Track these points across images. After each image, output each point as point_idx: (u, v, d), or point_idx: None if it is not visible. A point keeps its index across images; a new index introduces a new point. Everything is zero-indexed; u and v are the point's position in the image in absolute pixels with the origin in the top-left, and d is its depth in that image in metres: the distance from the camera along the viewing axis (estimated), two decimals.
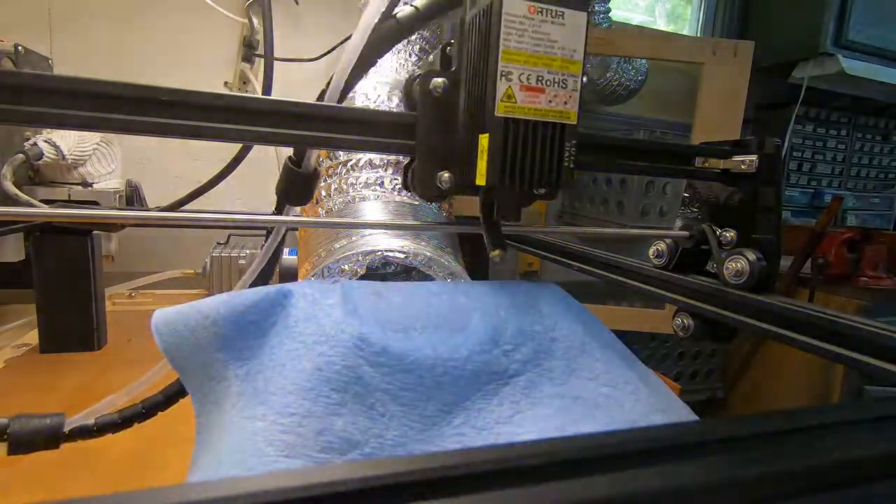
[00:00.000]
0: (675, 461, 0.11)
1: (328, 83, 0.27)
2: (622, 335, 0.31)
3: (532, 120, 0.23)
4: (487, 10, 0.23)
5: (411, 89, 0.26)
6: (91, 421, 0.28)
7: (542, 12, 0.23)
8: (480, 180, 0.24)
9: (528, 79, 0.23)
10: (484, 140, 0.23)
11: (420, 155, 0.25)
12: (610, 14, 1.16)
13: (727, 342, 0.30)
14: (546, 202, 1.29)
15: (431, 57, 0.27)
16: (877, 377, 0.20)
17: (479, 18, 0.23)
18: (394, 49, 0.57)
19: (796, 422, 0.13)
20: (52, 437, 0.26)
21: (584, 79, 0.24)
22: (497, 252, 0.26)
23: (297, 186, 0.27)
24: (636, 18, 1.55)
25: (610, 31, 1.12)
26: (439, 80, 0.25)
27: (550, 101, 0.23)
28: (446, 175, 0.25)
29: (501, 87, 0.23)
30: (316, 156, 0.28)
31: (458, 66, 0.25)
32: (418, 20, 0.28)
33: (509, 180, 0.23)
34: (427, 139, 0.25)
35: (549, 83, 0.23)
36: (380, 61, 0.33)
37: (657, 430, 0.12)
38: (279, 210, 0.29)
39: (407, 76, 0.26)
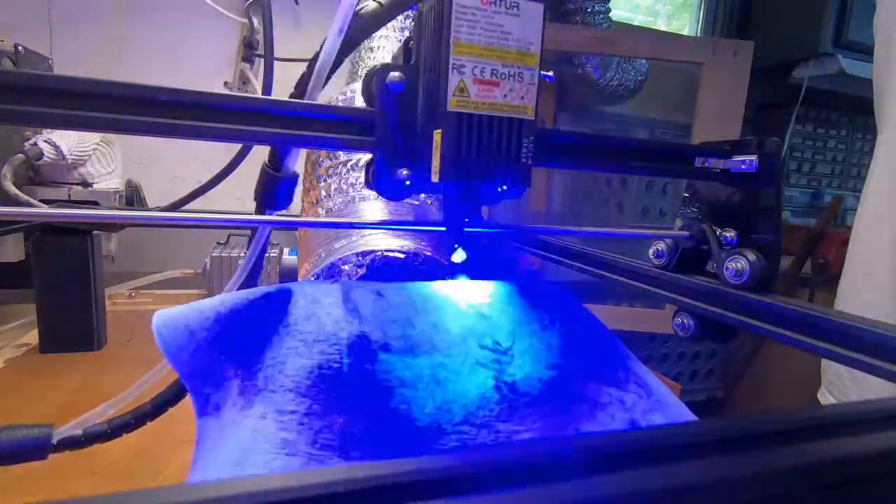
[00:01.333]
0: (675, 461, 0.11)
1: (297, 83, 0.26)
2: (622, 335, 0.31)
3: (486, 114, 0.23)
4: (440, 1, 0.22)
5: (370, 84, 0.25)
6: (79, 431, 0.27)
7: (495, 3, 0.22)
8: (435, 177, 0.23)
9: (481, 72, 0.22)
10: (437, 135, 0.23)
11: (379, 152, 0.25)
12: (610, 14, 1.16)
13: (727, 342, 0.30)
14: (545, 202, 1.29)
15: (395, 52, 0.27)
16: (876, 377, 0.20)
17: (433, 10, 0.23)
18: (391, 48, 0.57)
19: (796, 422, 0.13)
20: (39, 449, 0.26)
21: (551, 73, 0.24)
22: (458, 253, 0.26)
23: (274, 191, 0.27)
24: (636, 18, 1.55)
25: (610, 31, 1.12)
26: (396, 73, 0.24)
27: (506, 96, 0.23)
28: (405, 172, 0.24)
29: (454, 80, 0.22)
30: (295, 159, 0.28)
31: (417, 60, 0.24)
32: (381, 16, 0.28)
33: (463, 177, 0.23)
34: (386, 136, 0.24)
35: (504, 76, 0.23)
36: (376, 59, 0.33)
37: (657, 430, 0.12)
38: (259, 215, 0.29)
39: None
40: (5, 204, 0.58)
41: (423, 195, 0.45)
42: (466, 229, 0.26)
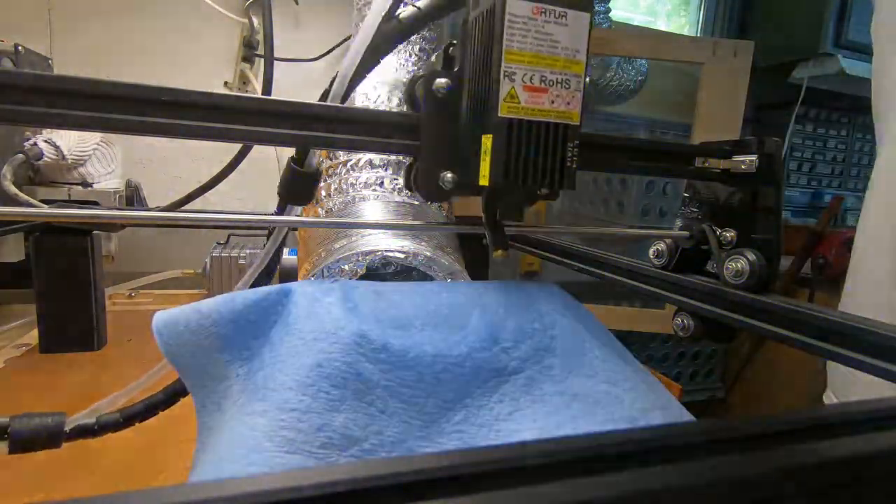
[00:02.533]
0: (675, 461, 0.11)
1: (331, 83, 0.27)
2: (622, 335, 0.31)
3: (535, 120, 0.23)
4: (491, 10, 0.23)
5: (414, 89, 0.26)
6: (92, 420, 0.28)
7: (545, 13, 0.23)
8: (483, 181, 0.24)
9: (531, 79, 0.23)
10: (487, 140, 0.23)
11: (423, 155, 0.25)
12: (610, 14, 1.16)
13: (727, 342, 0.30)
14: (546, 202, 1.29)
15: (434, 57, 0.27)
16: (876, 377, 0.20)
17: (482, 19, 0.23)
18: (394, 51, 0.57)
19: (796, 422, 0.13)
20: (53, 437, 0.26)
21: (588, 79, 0.24)
22: (500, 252, 0.26)
23: (299, 186, 0.27)
24: (636, 18, 1.55)
25: (610, 31, 1.12)
26: (443, 80, 0.25)
27: (553, 102, 0.23)
28: (449, 175, 0.25)
29: (505, 87, 0.23)
30: (318, 155, 0.28)
31: (462, 67, 0.25)
32: (420, 21, 0.28)
33: (512, 181, 0.23)
34: (430, 139, 0.25)
35: (551, 83, 0.23)
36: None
37: (657, 430, 0.12)
38: (281, 210, 0.29)
39: (408, 76, 0.26)
40: (5, 204, 0.58)
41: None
42: (507, 230, 0.27)
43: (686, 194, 0.33)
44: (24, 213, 0.27)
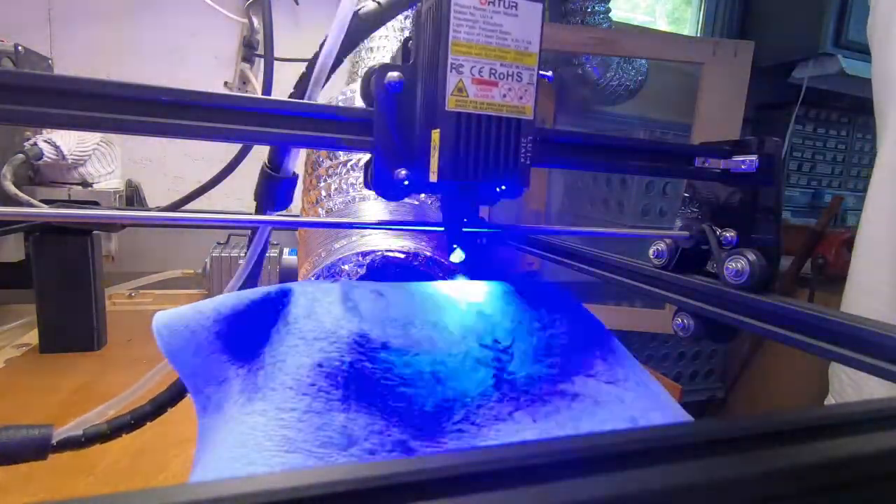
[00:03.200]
0: (675, 461, 0.11)
1: (297, 84, 0.26)
2: (622, 335, 0.31)
3: (485, 114, 0.23)
4: (439, 1, 0.22)
5: (369, 84, 0.25)
6: (79, 432, 0.27)
7: (493, 3, 0.22)
8: (433, 177, 0.23)
9: (479, 72, 0.22)
10: (436, 135, 0.23)
11: (378, 152, 0.24)
12: (610, 14, 1.16)
13: (727, 342, 0.30)
14: (545, 202, 1.29)
15: (393, 52, 0.27)
16: (877, 377, 0.20)
17: (432, 10, 0.23)
18: (394, 49, 0.57)
19: (796, 422, 0.13)
20: (39, 449, 0.26)
21: (550, 73, 0.24)
22: (457, 254, 0.26)
23: (274, 191, 0.27)
24: (636, 18, 1.55)
25: (610, 31, 1.12)
26: (395, 73, 0.24)
27: (505, 95, 0.23)
28: (403, 172, 0.24)
29: (452, 79, 0.22)
30: (294, 160, 0.28)
31: (416, 60, 0.24)
32: (380, 16, 0.28)
33: (462, 177, 0.23)
34: (384, 135, 0.24)
35: (502, 76, 0.23)
36: (375, 59, 0.33)
37: (657, 430, 0.12)
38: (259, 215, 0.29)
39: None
40: (5, 204, 0.58)
41: (423, 195, 0.45)
42: (465, 229, 0.26)
43: (686, 194, 0.33)
44: (24, 213, 0.27)
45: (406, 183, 0.25)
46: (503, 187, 0.24)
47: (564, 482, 0.10)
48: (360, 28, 0.27)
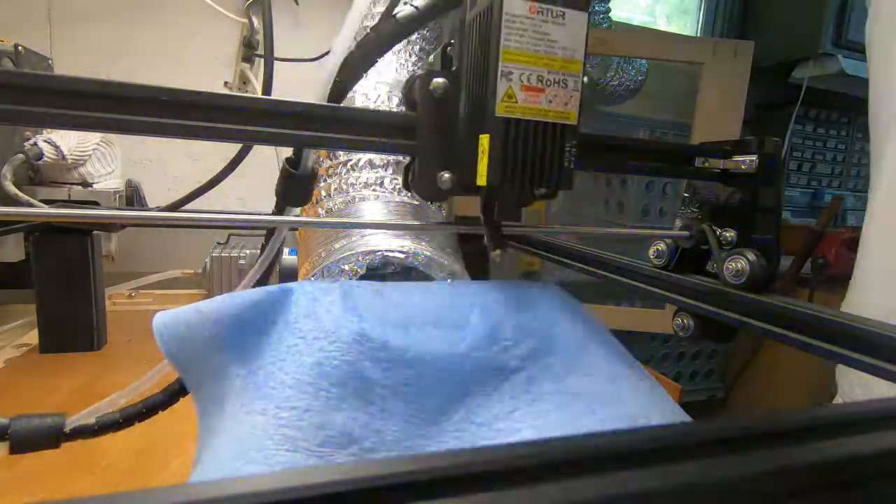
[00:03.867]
0: (674, 461, 0.11)
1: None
2: (622, 335, 0.31)
3: (532, 120, 0.23)
4: (488, 10, 0.23)
5: (411, 89, 0.26)
6: (92, 420, 0.28)
7: (542, 12, 0.23)
8: (481, 181, 0.24)
9: (528, 79, 0.23)
10: (484, 140, 0.23)
11: (420, 155, 0.25)
12: (610, 14, 1.16)
13: (727, 342, 0.30)
14: (546, 202, 1.29)
15: (432, 57, 0.27)
16: (877, 377, 0.20)
17: (479, 18, 0.23)
18: (394, 49, 0.57)
19: (796, 422, 0.13)
20: (52, 437, 0.26)
21: (586, 79, 0.24)
22: (498, 251, 0.26)
23: (295, 188, 0.27)
24: (636, 18, 1.55)
25: (610, 31, 1.12)
26: (440, 80, 0.25)
27: (551, 101, 0.23)
28: (447, 175, 0.25)
29: (502, 86, 0.23)
30: (314, 157, 0.28)
31: (459, 67, 0.25)
32: (418, 20, 0.28)
33: (509, 180, 0.23)
34: (427, 139, 0.25)
35: (549, 83, 0.23)
36: (379, 61, 0.33)
37: (657, 430, 0.12)
38: (279, 212, 0.29)
39: (407, 76, 0.26)
40: (5, 204, 0.58)
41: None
42: (505, 230, 0.27)
43: (686, 194, 0.33)
44: (24, 213, 0.27)
45: (450, 186, 0.25)
46: (542, 190, 0.25)
47: (564, 482, 0.10)
48: (397, 31, 0.28)
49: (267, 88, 0.67)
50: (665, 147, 0.30)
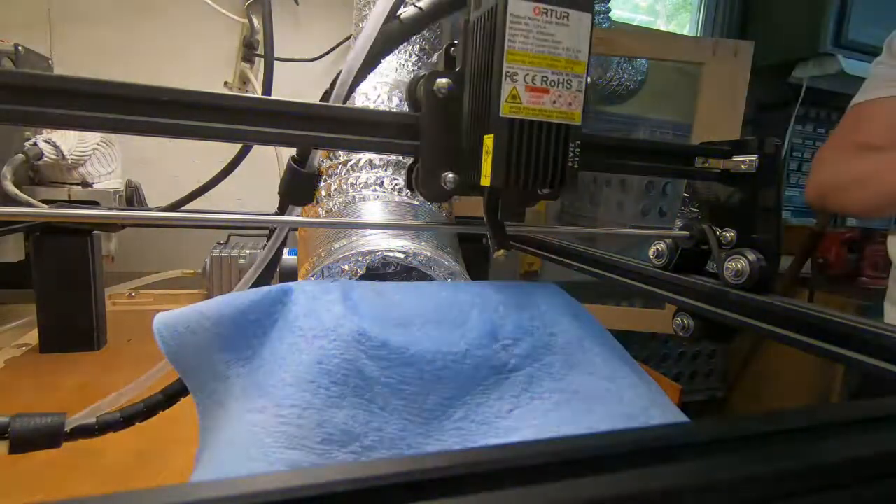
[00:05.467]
0: (675, 461, 0.11)
1: (332, 84, 0.27)
2: (622, 335, 0.31)
3: (537, 120, 0.23)
4: (492, 11, 0.23)
5: (415, 90, 0.26)
6: (92, 420, 0.28)
7: (546, 13, 0.23)
8: (485, 181, 0.24)
9: (532, 79, 0.23)
10: (489, 140, 0.23)
11: (424, 155, 0.25)
12: (610, 14, 1.16)
13: (727, 342, 0.30)
14: (546, 202, 1.29)
15: (434, 58, 0.27)
16: (877, 377, 0.20)
17: (483, 19, 0.23)
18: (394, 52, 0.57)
19: (796, 422, 0.13)
20: (53, 436, 0.26)
21: (589, 79, 0.24)
22: (501, 252, 0.26)
23: (300, 186, 0.27)
24: (636, 18, 1.55)
25: (610, 31, 1.12)
26: (444, 80, 0.25)
27: (555, 102, 0.23)
28: (451, 175, 0.25)
29: (506, 87, 0.23)
30: (319, 155, 0.28)
31: (463, 67, 0.25)
32: (422, 21, 0.28)
33: (514, 181, 0.23)
34: (431, 140, 0.25)
35: (553, 84, 0.23)
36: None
37: (657, 430, 0.12)
38: (282, 210, 0.29)
39: (409, 76, 0.26)
40: (5, 204, 0.58)
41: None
42: (509, 230, 0.27)
43: (686, 194, 0.33)
44: (24, 213, 0.27)
45: (453, 186, 0.25)
46: (546, 190, 0.25)
47: (564, 482, 0.10)
48: (401, 32, 0.28)
49: (267, 88, 0.67)
50: (665, 147, 0.30)
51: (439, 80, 0.25)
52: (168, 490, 0.09)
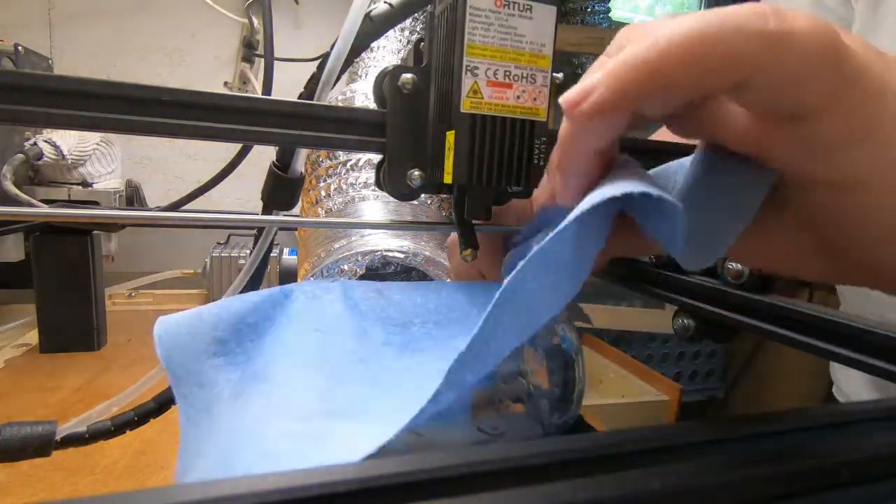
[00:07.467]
0: (674, 461, 0.11)
1: (307, 83, 0.26)
2: (622, 335, 0.31)
3: (499, 116, 0.23)
4: (454, 4, 0.22)
5: (381, 85, 0.25)
6: (83, 428, 0.27)
7: (508, 5, 0.22)
8: (448, 178, 0.23)
9: (494, 74, 0.22)
10: (451, 137, 0.23)
11: (390, 153, 0.25)
12: (610, 14, 1.16)
13: (727, 342, 0.30)
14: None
15: (404, 53, 0.27)
16: (877, 377, 0.20)
17: (446, 12, 0.23)
18: (394, 49, 0.57)
19: (796, 422, 0.13)
20: (43, 445, 0.26)
21: (561, 75, 0.24)
22: (468, 251, 0.26)
23: (283, 191, 0.27)
24: (636, 18, 1.55)
25: (610, 30, 1.12)
26: (408, 75, 0.24)
27: (518, 97, 0.23)
28: (416, 173, 0.25)
29: (467, 82, 0.22)
30: (303, 160, 0.28)
31: (428, 62, 0.25)
32: (392, 18, 0.28)
33: (476, 178, 0.23)
34: (397, 137, 0.24)
35: (516, 78, 0.23)
36: (376, 59, 0.33)
37: (656, 430, 0.12)
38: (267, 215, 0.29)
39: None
40: (5, 204, 0.58)
41: (423, 195, 0.45)
42: (477, 229, 0.27)
43: None
44: (24, 213, 0.27)
45: (419, 184, 0.25)
46: (515, 188, 0.24)
47: (564, 482, 0.10)
48: (371, 29, 0.27)
49: (267, 88, 0.67)
50: (665, 147, 0.30)
51: (404, 76, 0.24)
52: (168, 490, 0.09)
